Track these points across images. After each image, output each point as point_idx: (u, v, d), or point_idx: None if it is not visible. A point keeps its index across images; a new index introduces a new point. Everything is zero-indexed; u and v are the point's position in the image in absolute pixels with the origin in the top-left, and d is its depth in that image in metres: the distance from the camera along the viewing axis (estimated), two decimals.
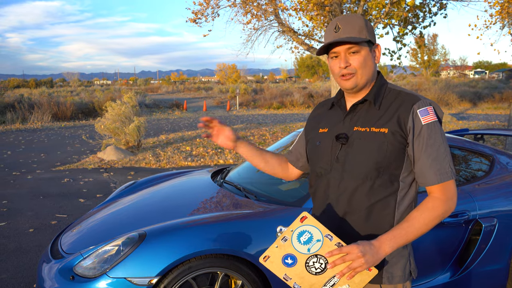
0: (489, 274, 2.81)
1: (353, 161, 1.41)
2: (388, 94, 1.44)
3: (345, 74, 1.40)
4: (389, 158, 1.37)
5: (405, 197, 1.42)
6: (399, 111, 1.38)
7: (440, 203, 1.34)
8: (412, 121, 1.36)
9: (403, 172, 1.40)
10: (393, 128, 1.37)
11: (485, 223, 2.74)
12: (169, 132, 12.87)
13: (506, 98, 22.90)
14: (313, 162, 1.55)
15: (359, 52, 1.39)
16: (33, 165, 8.32)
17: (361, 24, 1.39)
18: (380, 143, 1.37)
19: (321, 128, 1.56)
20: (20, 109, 17.30)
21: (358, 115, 1.45)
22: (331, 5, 8.42)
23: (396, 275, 1.41)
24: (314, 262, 1.28)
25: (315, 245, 1.28)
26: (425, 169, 1.36)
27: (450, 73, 54.81)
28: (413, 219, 1.33)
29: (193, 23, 9.19)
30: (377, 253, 1.28)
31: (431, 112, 1.37)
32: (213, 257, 2.23)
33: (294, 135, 3.71)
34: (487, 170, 3.06)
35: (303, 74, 66.79)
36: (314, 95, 26.42)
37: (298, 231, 1.28)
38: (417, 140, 1.36)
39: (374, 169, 1.38)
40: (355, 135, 1.42)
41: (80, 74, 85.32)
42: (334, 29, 1.40)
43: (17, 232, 4.51)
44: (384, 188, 1.39)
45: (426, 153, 1.35)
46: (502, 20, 8.32)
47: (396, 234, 1.31)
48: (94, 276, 2.19)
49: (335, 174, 1.45)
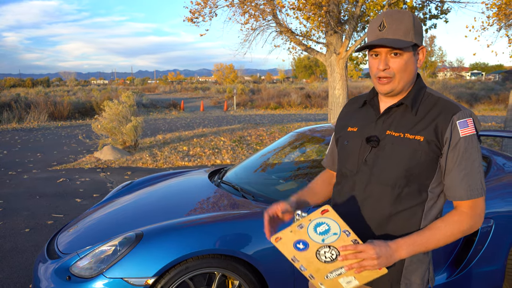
0: (485, 275, 2.81)
1: (382, 165, 1.35)
2: (426, 99, 1.36)
3: (382, 77, 1.33)
4: (421, 167, 1.31)
5: (432, 208, 1.36)
6: (438, 119, 1.30)
7: (466, 218, 1.29)
8: (450, 132, 1.29)
9: (432, 182, 1.34)
10: (429, 137, 1.30)
11: (482, 224, 2.74)
12: (166, 132, 12.85)
13: (502, 100, 23.00)
14: (340, 161, 1.50)
15: (401, 55, 1.30)
16: (29, 165, 8.28)
17: (408, 24, 1.29)
18: (413, 151, 1.31)
19: (350, 126, 1.49)
20: (16, 108, 17.23)
21: (392, 118, 1.38)
22: (329, 5, 8.43)
23: (414, 283, 1.36)
24: (326, 251, 1.27)
25: (330, 237, 1.25)
26: (456, 183, 1.30)
27: (447, 74, 54.98)
28: (437, 229, 1.29)
29: (191, 22, 9.19)
30: (392, 256, 1.24)
31: (470, 124, 1.30)
32: (210, 257, 2.23)
33: (292, 135, 3.71)
34: (484, 172, 3.07)
35: (301, 74, 66.87)
36: (311, 96, 26.45)
37: (316, 221, 1.25)
38: (452, 152, 1.29)
39: (404, 177, 1.32)
40: (387, 139, 1.36)
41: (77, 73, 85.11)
42: (378, 26, 1.31)
43: (13, 232, 4.49)
44: (412, 197, 1.33)
45: (460, 166, 1.29)
46: (499, 21, 8.36)
47: (417, 241, 1.27)
48: (90, 276, 2.18)
49: (362, 177, 1.39)
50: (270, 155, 3.65)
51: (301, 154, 3.68)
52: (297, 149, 3.66)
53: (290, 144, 3.66)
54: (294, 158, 3.65)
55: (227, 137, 10.62)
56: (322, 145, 3.47)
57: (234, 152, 9.11)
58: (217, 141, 10.20)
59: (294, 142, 3.65)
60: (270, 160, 3.61)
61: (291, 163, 3.57)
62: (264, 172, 3.49)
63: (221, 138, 10.45)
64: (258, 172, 3.45)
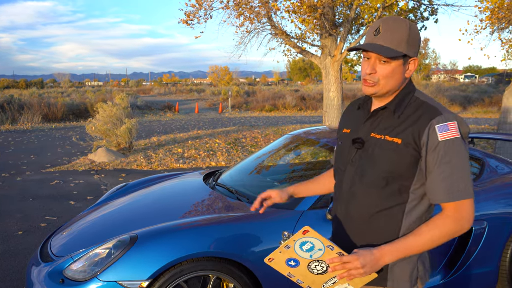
0: (479, 277, 2.83)
1: (364, 166, 1.41)
2: (413, 103, 1.39)
3: (368, 80, 1.38)
4: (400, 168, 1.34)
5: (414, 209, 1.38)
6: (417, 123, 1.33)
7: (450, 221, 1.30)
8: (427, 136, 1.31)
9: (414, 183, 1.36)
10: (407, 139, 1.33)
11: (475, 226, 2.76)
12: (161, 134, 12.82)
13: (495, 102, 23.19)
14: (335, 160, 1.60)
15: (389, 63, 1.34)
16: (22, 167, 8.22)
17: (403, 34, 1.32)
18: (391, 153, 1.35)
19: (345, 128, 1.56)
20: (9, 109, 17.11)
21: (378, 121, 1.43)
22: (323, 8, 8.46)
23: (401, 280, 1.40)
24: (316, 265, 1.35)
25: (316, 252, 1.33)
26: (435, 186, 1.32)
27: (441, 77, 55.33)
28: (420, 234, 1.31)
29: (186, 24, 9.18)
30: (376, 263, 1.29)
31: (452, 128, 1.30)
32: (205, 260, 2.22)
33: (286, 137, 3.71)
34: (477, 174, 3.09)
35: (295, 76, 67.01)
36: (306, 98, 26.50)
37: (300, 241, 1.33)
38: (430, 155, 1.31)
39: (382, 178, 1.37)
40: (371, 141, 1.41)
41: (71, 75, 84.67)
42: (374, 31, 1.35)
43: (6, 234, 4.45)
44: (392, 197, 1.37)
45: (439, 169, 1.30)
46: (492, 25, 8.42)
47: (400, 247, 1.31)
48: (84, 279, 2.17)
49: (348, 177, 1.47)
50: (265, 157, 3.66)
51: (296, 156, 3.68)
52: (292, 151, 3.66)
53: (285, 147, 3.66)
54: (289, 161, 3.65)
55: (222, 139, 10.61)
56: (317, 147, 3.47)
57: (229, 154, 9.10)
58: (212, 143, 10.19)
59: (289, 144, 3.65)
60: (265, 162, 3.62)
61: (286, 166, 3.58)
62: (259, 174, 3.49)
63: (216, 140, 10.44)
64: (253, 175, 3.45)
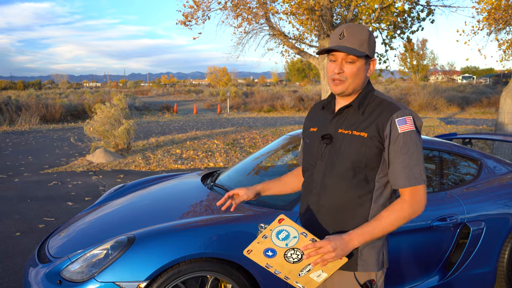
0: (477, 278, 2.83)
1: (334, 159, 1.55)
2: (373, 101, 1.56)
3: (336, 79, 1.52)
4: (366, 160, 1.50)
5: (380, 196, 1.54)
6: (379, 118, 1.50)
7: (407, 205, 1.47)
8: (389, 129, 1.48)
9: (378, 173, 1.53)
10: (372, 133, 1.49)
11: (473, 227, 2.76)
12: (159, 135, 12.81)
13: (493, 103, 23.24)
14: (304, 158, 1.71)
15: (354, 63, 1.50)
16: (20, 168, 8.20)
17: (364, 38, 1.49)
18: (358, 146, 1.50)
19: (311, 127, 1.70)
20: (7, 111, 17.07)
21: (343, 118, 1.58)
22: (321, 9, 8.47)
23: (370, 263, 1.54)
24: (292, 254, 1.46)
25: (292, 240, 1.44)
26: (397, 173, 1.49)
27: (439, 78, 55.44)
28: (382, 218, 1.47)
29: (184, 25, 9.17)
30: (346, 246, 1.43)
31: (409, 122, 1.48)
32: (203, 261, 2.22)
33: (285, 138, 3.71)
34: (475, 174, 3.09)
35: (294, 77, 67.01)
36: (305, 99, 26.52)
37: (276, 230, 1.45)
38: (392, 146, 1.48)
39: (351, 169, 1.52)
40: (338, 136, 1.56)
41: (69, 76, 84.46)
42: (339, 35, 1.50)
43: (3, 235, 4.44)
44: (361, 186, 1.52)
45: (399, 159, 1.47)
46: (489, 26, 8.44)
47: (365, 231, 1.46)
48: (82, 280, 2.16)
49: (318, 171, 1.60)
50: (263, 158, 3.66)
51: (294, 157, 3.68)
52: (290, 152, 3.66)
53: (283, 147, 3.66)
54: (287, 161, 3.65)
55: (220, 140, 10.61)
56: None
57: (227, 155, 9.10)
58: (210, 144, 10.19)
59: (287, 145, 3.65)
60: (263, 163, 3.62)
61: (284, 166, 3.58)
62: (257, 175, 3.49)
63: (214, 141, 10.43)
64: (251, 175, 3.45)
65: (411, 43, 9.92)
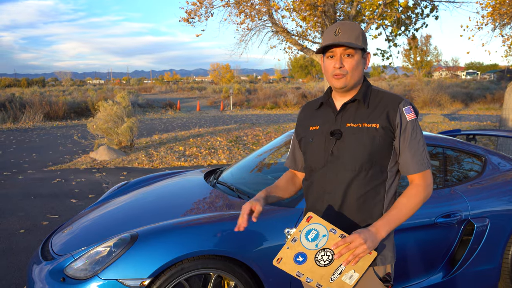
0: (481, 274, 2.82)
1: (348, 154, 1.55)
2: (374, 94, 1.61)
3: (338, 74, 1.55)
4: (381, 150, 1.54)
5: (392, 186, 1.60)
6: (388, 109, 1.55)
7: (421, 189, 1.54)
8: (400, 118, 1.54)
9: (390, 162, 1.58)
10: (383, 123, 1.54)
11: (477, 223, 2.75)
12: (162, 132, 12.82)
13: (497, 99, 23.10)
14: (307, 158, 1.68)
15: (353, 56, 1.54)
16: (24, 165, 8.24)
17: (358, 32, 1.55)
18: (372, 137, 1.53)
19: (311, 126, 1.68)
20: (11, 108, 17.12)
21: (349, 113, 1.60)
22: (324, 5, 8.43)
23: (388, 256, 1.57)
24: (322, 255, 1.44)
25: (321, 240, 1.42)
26: (409, 160, 1.55)
27: (443, 74, 55.19)
28: (402, 205, 1.52)
29: (187, 22, 9.16)
30: (375, 238, 1.45)
31: (412, 110, 1.57)
32: (206, 258, 2.22)
33: (288, 135, 3.70)
34: (479, 171, 3.08)
35: (297, 74, 66.90)
36: (308, 96, 26.46)
37: (305, 230, 1.42)
38: (403, 134, 1.55)
39: (368, 160, 1.54)
40: (348, 131, 1.57)
41: (72, 73, 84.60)
42: (334, 32, 1.55)
43: (8, 233, 4.46)
44: (376, 177, 1.56)
45: (409, 146, 1.55)
46: (493, 21, 8.39)
47: (390, 221, 1.50)
48: (85, 277, 2.17)
49: (331, 167, 1.58)
50: (266, 155, 3.65)
51: None
52: None
53: (286, 144, 3.65)
54: None
55: (223, 137, 10.61)
56: None
57: (230, 152, 9.10)
58: (213, 141, 10.19)
59: (290, 142, 3.64)
60: (266, 160, 3.61)
61: None
62: (260, 172, 3.49)
63: (217, 138, 10.43)
64: (254, 172, 3.45)
65: (415, 40, 9.86)
